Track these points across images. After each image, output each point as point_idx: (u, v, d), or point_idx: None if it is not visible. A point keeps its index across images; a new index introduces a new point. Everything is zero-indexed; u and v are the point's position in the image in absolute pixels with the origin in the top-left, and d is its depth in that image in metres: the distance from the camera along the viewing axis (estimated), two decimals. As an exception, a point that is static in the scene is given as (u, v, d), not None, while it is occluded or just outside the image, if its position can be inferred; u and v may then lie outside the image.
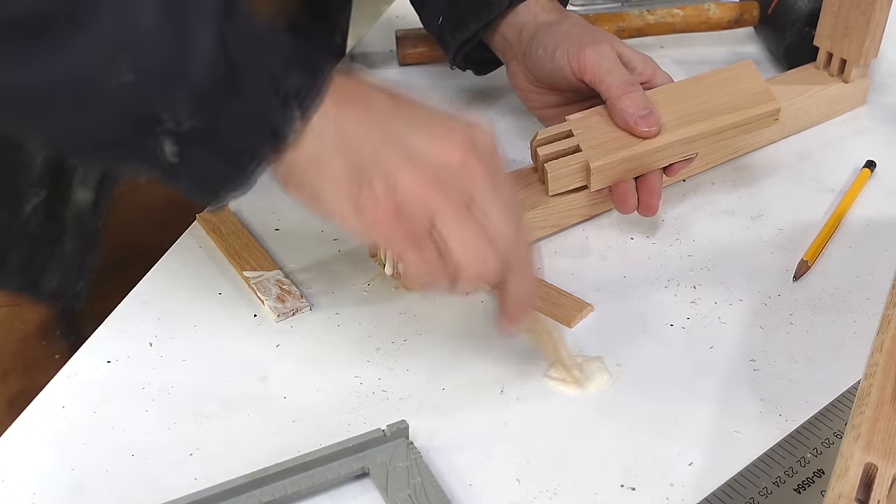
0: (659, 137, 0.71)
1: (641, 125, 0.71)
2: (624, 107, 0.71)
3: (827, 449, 0.58)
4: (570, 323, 0.67)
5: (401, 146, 0.52)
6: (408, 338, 0.66)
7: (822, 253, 0.74)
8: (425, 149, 0.53)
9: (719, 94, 0.74)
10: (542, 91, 0.78)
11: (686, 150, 0.73)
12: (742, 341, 0.66)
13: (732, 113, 0.73)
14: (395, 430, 0.57)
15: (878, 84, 0.92)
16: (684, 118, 0.72)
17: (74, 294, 0.75)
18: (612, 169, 0.71)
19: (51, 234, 0.73)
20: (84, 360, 0.64)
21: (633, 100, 0.71)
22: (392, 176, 0.52)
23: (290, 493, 0.54)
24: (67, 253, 0.74)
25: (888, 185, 0.81)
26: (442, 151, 0.53)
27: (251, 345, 0.65)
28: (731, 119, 0.73)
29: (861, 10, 0.84)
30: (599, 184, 0.72)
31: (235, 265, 0.70)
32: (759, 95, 0.75)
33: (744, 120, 0.74)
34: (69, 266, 0.74)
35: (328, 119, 0.51)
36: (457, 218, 0.53)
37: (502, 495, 0.56)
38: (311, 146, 0.51)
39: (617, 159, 0.70)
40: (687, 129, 0.72)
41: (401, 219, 0.52)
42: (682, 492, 0.56)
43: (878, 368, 0.59)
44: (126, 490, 0.56)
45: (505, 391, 0.62)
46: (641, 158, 0.71)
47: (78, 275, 0.74)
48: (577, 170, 0.71)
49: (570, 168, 0.71)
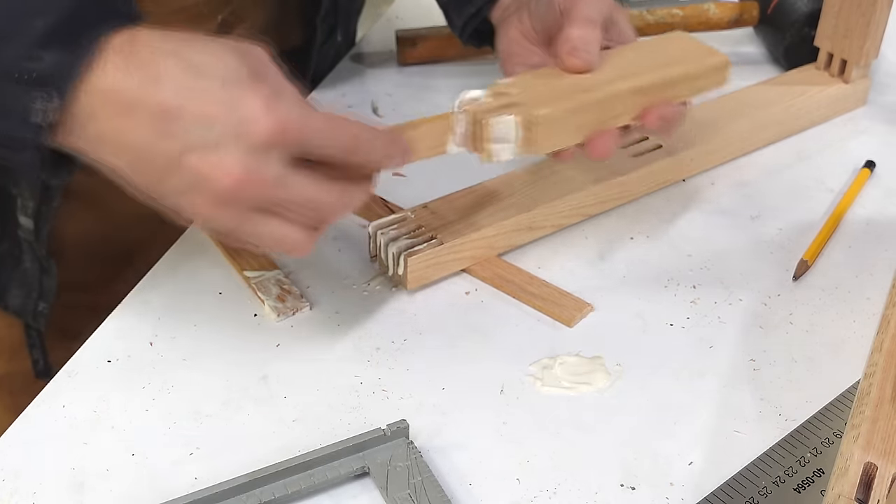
0: (606, 86, 0.66)
1: (573, 56, 0.65)
2: (567, 34, 0.66)
3: (827, 448, 0.58)
4: (570, 323, 0.67)
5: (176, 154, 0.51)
6: (408, 338, 0.66)
7: (822, 253, 0.74)
8: (200, 167, 0.51)
9: (667, 51, 0.71)
10: (529, 45, 0.72)
11: (638, 104, 0.67)
12: (742, 341, 0.66)
13: (682, 64, 0.70)
14: (395, 430, 0.57)
15: (878, 84, 0.92)
16: (633, 71, 0.68)
17: (35, 314, 0.76)
18: (557, 122, 0.64)
19: (10, 251, 0.73)
20: (84, 360, 0.64)
21: (582, 32, 0.66)
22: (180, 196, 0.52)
23: (290, 492, 0.54)
24: (27, 272, 0.74)
25: (888, 185, 0.81)
26: (215, 175, 0.51)
27: (251, 345, 0.65)
28: (680, 69, 0.69)
29: (861, 10, 0.84)
30: (546, 142, 0.65)
31: (235, 265, 0.70)
32: (705, 52, 0.71)
33: (694, 71, 0.70)
34: (30, 285, 0.75)
35: (97, 97, 0.50)
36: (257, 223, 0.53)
37: (502, 495, 0.56)
38: (85, 129, 0.51)
39: (562, 109, 0.64)
40: (636, 79, 0.67)
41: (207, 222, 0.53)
42: (682, 491, 0.56)
43: (877, 368, 0.59)
44: (126, 490, 0.56)
45: (505, 391, 0.62)
46: (590, 110, 0.65)
47: (39, 295, 0.75)
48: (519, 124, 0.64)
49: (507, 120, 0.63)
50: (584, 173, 0.76)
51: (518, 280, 0.70)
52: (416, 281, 0.69)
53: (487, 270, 0.71)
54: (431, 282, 0.70)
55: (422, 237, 0.69)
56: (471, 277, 0.71)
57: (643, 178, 0.78)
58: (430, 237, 0.69)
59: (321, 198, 0.54)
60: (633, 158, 0.78)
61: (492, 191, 0.74)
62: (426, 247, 0.68)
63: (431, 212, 0.71)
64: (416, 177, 0.81)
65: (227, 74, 0.51)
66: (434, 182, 0.78)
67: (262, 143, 0.51)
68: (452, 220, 0.71)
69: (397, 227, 0.70)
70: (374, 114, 0.89)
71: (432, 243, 0.69)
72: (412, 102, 0.91)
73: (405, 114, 0.89)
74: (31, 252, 0.73)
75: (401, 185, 0.80)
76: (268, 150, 0.51)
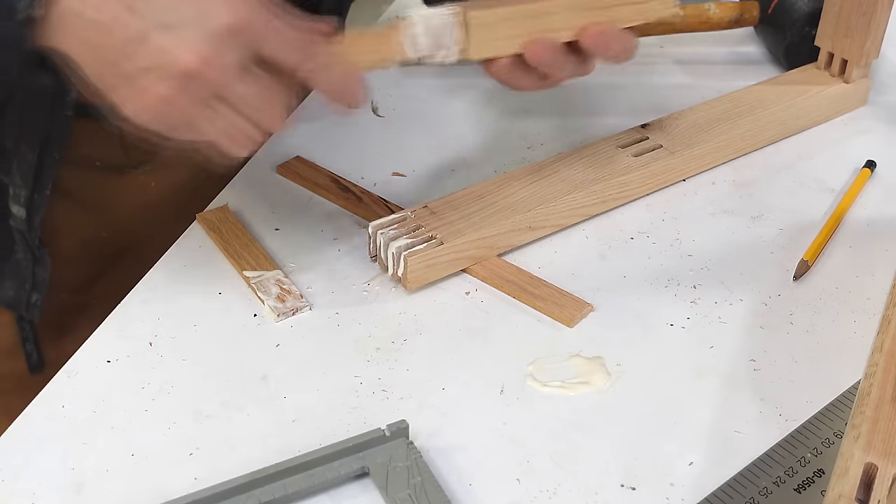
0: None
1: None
2: None
3: (827, 449, 0.58)
4: (570, 323, 0.67)
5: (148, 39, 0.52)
6: (408, 338, 0.66)
7: (823, 253, 0.74)
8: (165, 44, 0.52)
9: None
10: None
11: (577, 20, 0.66)
12: (742, 341, 0.66)
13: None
14: (395, 430, 0.57)
15: (878, 84, 0.92)
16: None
17: (29, 305, 0.76)
18: (490, 26, 0.64)
19: (3, 243, 0.73)
20: (84, 360, 0.64)
21: None
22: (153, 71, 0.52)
23: (290, 492, 0.54)
24: (20, 263, 0.74)
25: (888, 185, 0.81)
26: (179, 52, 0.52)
27: (251, 345, 0.65)
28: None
29: (862, 10, 0.84)
30: (481, 46, 0.65)
31: (235, 265, 0.70)
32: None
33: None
34: (23, 277, 0.75)
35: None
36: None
37: (502, 495, 0.56)
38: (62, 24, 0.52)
39: (496, 13, 0.64)
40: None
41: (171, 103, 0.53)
42: (682, 492, 0.56)
43: (878, 368, 0.59)
44: (126, 490, 0.56)
45: (505, 391, 0.62)
46: (525, 18, 0.65)
47: (32, 287, 0.75)
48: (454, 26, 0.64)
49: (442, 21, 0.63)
50: (584, 173, 0.76)
51: (518, 280, 0.70)
52: (416, 281, 0.69)
53: (487, 270, 0.71)
54: (431, 282, 0.70)
55: (422, 237, 0.69)
56: (471, 277, 0.71)
57: (643, 178, 0.78)
58: (429, 237, 0.69)
59: (272, 96, 0.56)
60: (633, 158, 0.78)
61: (492, 191, 0.74)
62: (426, 247, 0.68)
63: (431, 212, 0.71)
64: (417, 177, 0.81)
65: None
66: (434, 182, 0.78)
67: (224, 31, 0.52)
68: (452, 220, 0.71)
69: (397, 227, 0.70)
70: (374, 114, 0.89)
71: (432, 243, 0.69)
72: (412, 102, 0.91)
73: (405, 114, 0.89)
74: (24, 243, 0.73)
75: (401, 185, 0.80)
76: (229, 39, 0.53)
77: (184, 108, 0.54)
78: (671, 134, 0.81)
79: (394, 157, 0.83)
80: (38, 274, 0.75)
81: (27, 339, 0.78)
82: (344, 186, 0.79)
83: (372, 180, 0.80)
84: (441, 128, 0.88)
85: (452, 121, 0.88)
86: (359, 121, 0.88)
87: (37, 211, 0.72)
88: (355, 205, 0.77)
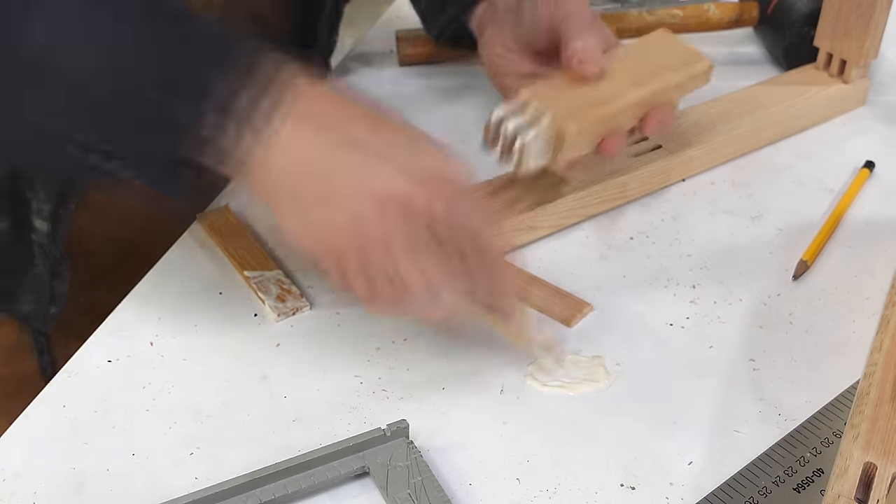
0: (618, 98, 0.70)
1: (586, 65, 0.69)
2: (574, 47, 0.69)
3: (826, 448, 0.58)
4: (570, 323, 0.67)
5: (365, 171, 0.53)
6: (408, 337, 0.66)
7: (822, 253, 0.74)
8: (390, 177, 0.53)
9: (658, 55, 0.74)
10: (515, 56, 0.75)
11: (641, 111, 0.72)
12: (742, 341, 0.66)
13: (675, 72, 0.73)
14: (395, 430, 0.57)
15: (877, 84, 0.92)
16: (636, 80, 0.71)
17: (46, 318, 0.76)
18: (582, 134, 0.69)
19: (23, 257, 0.73)
20: (84, 360, 0.64)
21: (586, 42, 0.69)
22: (353, 202, 0.53)
23: (290, 492, 0.54)
24: (39, 277, 0.74)
25: (887, 186, 0.81)
26: (404, 185, 0.53)
27: (251, 345, 0.65)
28: (675, 77, 0.72)
29: (861, 11, 0.84)
30: (570, 152, 0.69)
31: (235, 265, 0.70)
32: (692, 56, 0.75)
33: (685, 78, 0.73)
34: (41, 290, 0.75)
35: (287, 135, 0.52)
36: (410, 251, 0.54)
37: (502, 495, 0.56)
38: (266, 162, 0.52)
39: (588, 122, 0.69)
40: (641, 89, 0.71)
41: (356, 247, 0.53)
42: (681, 491, 0.56)
43: (877, 368, 0.59)
44: (126, 490, 0.56)
45: (505, 391, 0.62)
46: (605, 121, 0.70)
47: (49, 300, 0.75)
48: (550, 139, 0.68)
49: (545, 139, 0.68)
50: (584, 173, 0.76)
51: (518, 280, 0.70)
52: None
53: (487, 270, 0.71)
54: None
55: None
56: (471, 277, 0.71)
57: (643, 178, 0.78)
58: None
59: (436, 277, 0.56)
60: (633, 158, 0.78)
61: (492, 191, 0.74)
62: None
63: (431, 212, 0.71)
64: (416, 177, 0.81)
65: (411, 139, 0.55)
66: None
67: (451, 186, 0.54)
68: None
69: None
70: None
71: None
72: (412, 102, 0.91)
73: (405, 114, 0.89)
74: (44, 257, 0.73)
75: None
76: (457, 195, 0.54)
77: (383, 243, 0.54)
78: (671, 134, 0.81)
79: (394, 157, 0.83)
80: (57, 287, 0.75)
81: (42, 352, 0.78)
82: (344, 186, 0.78)
83: (372, 180, 0.80)
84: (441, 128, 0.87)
85: (453, 121, 0.88)
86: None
87: (60, 224, 0.72)
88: (355, 205, 0.77)
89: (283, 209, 0.54)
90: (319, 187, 0.52)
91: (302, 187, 0.53)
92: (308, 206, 0.53)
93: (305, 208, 0.53)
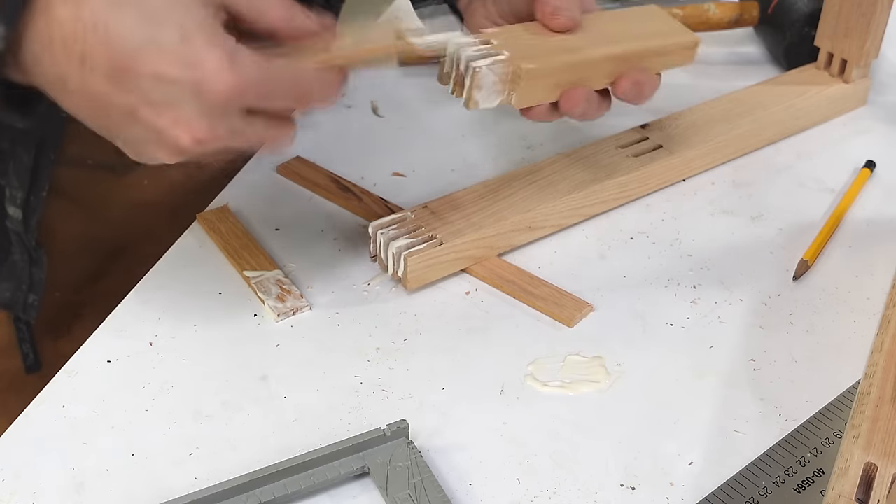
0: (587, 50, 0.67)
1: (557, 16, 0.66)
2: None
3: (827, 448, 0.58)
4: (570, 323, 0.67)
5: None
6: (408, 338, 0.66)
7: (822, 253, 0.74)
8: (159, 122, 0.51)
9: (643, 24, 0.72)
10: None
11: (613, 70, 0.68)
12: (742, 341, 0.66)
13: (657, 38, 0.71)
14: (395, 430, 0.57)
15: (878, 84, 0.92)
16: (612, 39, 0.69)
17: (26, 306, 0.76)
18: (540, 77, 0.65)
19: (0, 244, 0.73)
20: (84, 360, 0.64)
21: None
22: None
23: (290, 492, 0.54)
24: (17, 264, 0.74)
25: (888, 185, 0.81)
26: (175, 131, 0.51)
27: (251, 345, 0.65)
28: (655, 42, 0.70)
29: (862, 10, 0.84)
30: (526, 96, 0.66)
31: (235, 265, 0.70)
32: (679, 30, 0.73)
33: (668, 46, 0.71)
34: (20, 278, 0.75)
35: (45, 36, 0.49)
36: None
37: (502, 495, 0.56)
38: (38, 66, 0.50)
39: (547, 65, 0.65)
40: (614, 46, 0.68)
41: None
42: (682, 491, 0.56)
43: (878, 368, 0.59)
44: (126, 490, 0.56)
45: (505, 391, 0.62)
46: (569, 71, 0.66)
47: (29, 288, 0.75)
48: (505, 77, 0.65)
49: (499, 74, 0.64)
50: (584, 173, 0.76)
51: (518, 280, 0.70)
52: (416, 281, 0.69)
53: (487, 270, 0.71)
54: (431, 282, 0.70)
55: (422, 237, 0.69)
56: (471, 277, 0.71)
57: (643, 178, 0.78)
58: (429, 237, 0.69)
59: (272, 134, 0.56)
60: (633, 158, 0.78)
61: (492, 191, 0.74)
62: (426, 247, 0.68)
63: (431, 212, 0.71)
64: (416, 177, 0.81)
65: (186, 23, 0.50)
66: (434, 182, 0.78)
67: (221, 102, 0.51)
68: (452, 220, 0.71)
69: (397, 227, 0.70)
70: (374, 114, 0.89)
71: (432, 243, 0.69)
72: (412, 102, 0.91)
73: (405, 114, 0.89)
74: (21, 244, 0.73)
75: (401, 185, 0.80)
76: (226, 108, 0.52)
77: (192, 157, 0.53)
78: (671, 134, 0.81)
79: (394, 157, 0.83)
80: (35, 275, 0.75)
81: (24, 340, 0.78)
82: (344, 186, 0.79)
83: (372, 180, 0.80)
84: (441, 128, 0.88)
85: (453, 121, 0.88)
86: (359, 121, 0.88)
87: (33, 212, 0.72)
88: (355, 205, 0.77)
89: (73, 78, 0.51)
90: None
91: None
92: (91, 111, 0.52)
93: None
